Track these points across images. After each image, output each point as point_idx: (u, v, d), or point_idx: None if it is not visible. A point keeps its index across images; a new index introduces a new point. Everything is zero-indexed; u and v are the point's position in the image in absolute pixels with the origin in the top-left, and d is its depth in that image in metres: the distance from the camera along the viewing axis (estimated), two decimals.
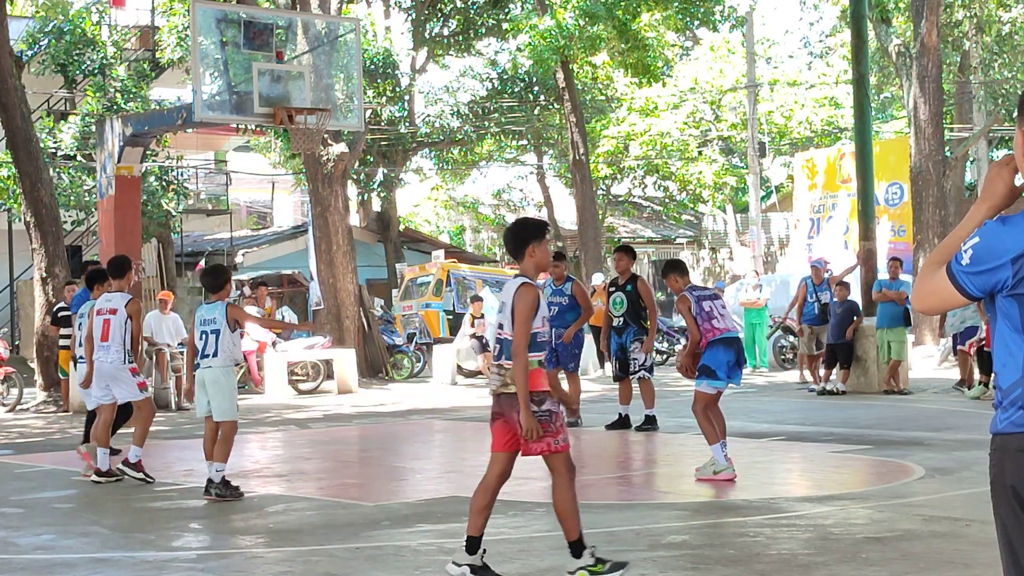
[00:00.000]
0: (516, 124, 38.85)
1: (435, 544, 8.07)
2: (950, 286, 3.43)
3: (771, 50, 49.68)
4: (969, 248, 3.39)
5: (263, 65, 15.48)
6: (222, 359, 9.89)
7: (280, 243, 37.26)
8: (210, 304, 10.05)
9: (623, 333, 14.36)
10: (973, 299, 3.44)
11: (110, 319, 10.93)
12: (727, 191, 43.41)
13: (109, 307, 11.01)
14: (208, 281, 10.24)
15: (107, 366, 11.00)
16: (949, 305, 3.53)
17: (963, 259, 3.40)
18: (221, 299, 10.02)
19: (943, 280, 3.45)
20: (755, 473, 11.38)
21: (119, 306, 10.93)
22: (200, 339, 9.94)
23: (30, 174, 20.74)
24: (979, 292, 3.40)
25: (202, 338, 9.93)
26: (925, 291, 3.54)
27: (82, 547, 8.21)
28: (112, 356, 10.95)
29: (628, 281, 14.44)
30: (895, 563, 7.10)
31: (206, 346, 9.90)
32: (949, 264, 3.44)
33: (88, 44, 29.44)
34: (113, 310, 10.94)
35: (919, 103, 26.89)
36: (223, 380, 9.93)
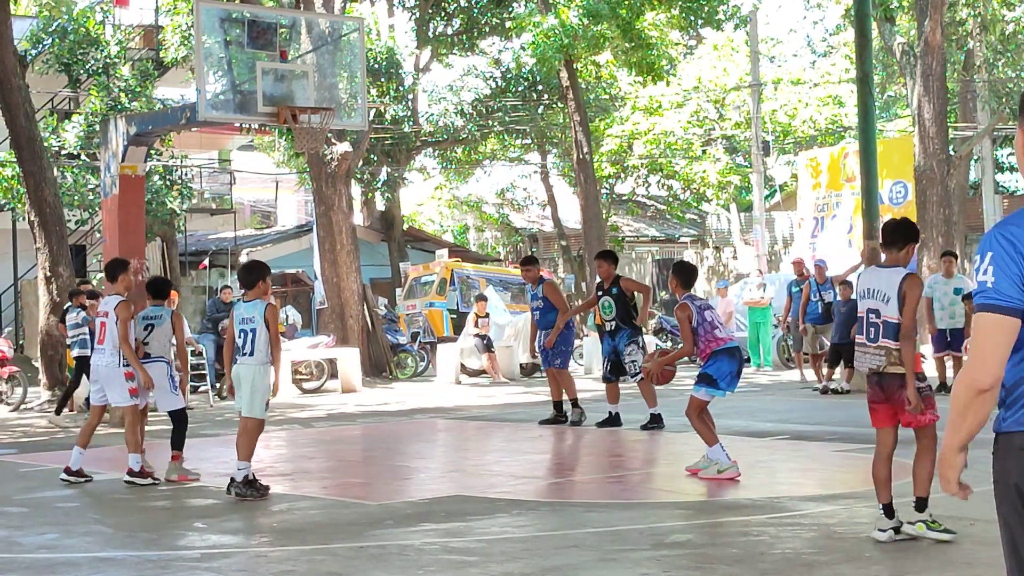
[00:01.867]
0: (520, 123, 38.84)
1: (439, 543, 8.07)
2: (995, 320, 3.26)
3: (775, 49, 49.64)
4: (987, 266, 3.29)
5: (267, 64, 15.48)
6: (257, 357, 10.00)
7: (284, 242, 37.28)
8: (249, 302, 10.16)
9: (616, 336, 14.39)
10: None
11: (105, 322, 11.03)
12: (731, 190, 43.39)
13: (104, 310, 11.14)
14: (242, 275, 10.40)
15: (102, 368, 11.08)
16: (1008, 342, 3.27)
17: (988, 280, 3.28)
18: (258, 297, 10.12)
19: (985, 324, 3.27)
20: (759, 472, 11.38)
21: (111, 309, 11.01)
22: (239, 336, 10.10)
23: (34, 173, 20.76)
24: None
25: (240, 336, 10.09)
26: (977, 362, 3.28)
27: (86, 546, 8.22)
28: (107, 359, 11.01)
29: (612, 284, 14.47)
30: (898, 562, 7.10)
31: (244, 343, 10.06)
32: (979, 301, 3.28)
33: (92, 43, 29.45)
34: (107, 313, 11.04)
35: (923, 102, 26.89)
36: (256, 378, 10.04)
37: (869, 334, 7.67)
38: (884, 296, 7.64)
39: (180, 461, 11.17)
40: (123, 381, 10.99)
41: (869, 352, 7.67)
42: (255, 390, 10.04)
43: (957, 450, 3.44)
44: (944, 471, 3.50)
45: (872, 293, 7.73)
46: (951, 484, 3.52)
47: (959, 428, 3.40)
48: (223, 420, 17.59)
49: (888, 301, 7.59)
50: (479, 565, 7.30)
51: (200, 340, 21.39)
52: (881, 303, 7.63)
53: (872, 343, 7.65)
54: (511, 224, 46.71)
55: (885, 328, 7.58)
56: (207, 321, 23.20)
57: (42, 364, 20.91)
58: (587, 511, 9.17)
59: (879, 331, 7.61)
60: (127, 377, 10.97)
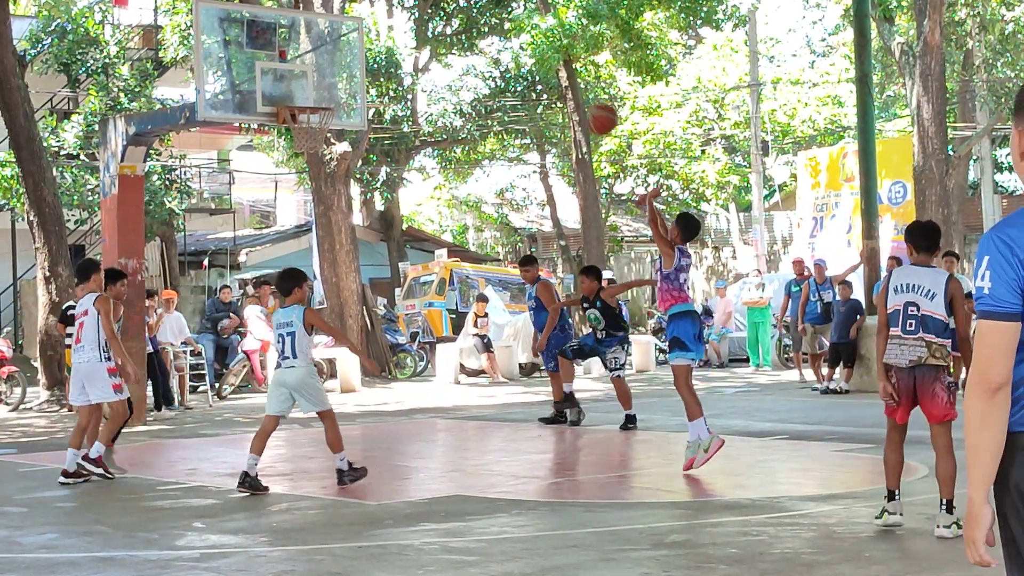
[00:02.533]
0: (519, 123, 38.83)
1: (438, 543, 8.07)
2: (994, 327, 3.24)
3: (774, 49, 49.64)
4: (984, 271, 3.27)
5: (266, 64, 15.47)
6: (302, 359, 10.28)
7: (283, 242, 37.28)
8: (286, 308, 10.42)
9: (603, 343, 14.58)
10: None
11: (84, 320, 11.22)
12: (730, 190, 43.39)
13: (82, 309, 11.34)
14: (279, 282, 10.69)
15: (84, 366, 11.20)
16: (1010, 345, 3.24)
17: (985, 287, 3.26)
18: (295, 302, 10.38)
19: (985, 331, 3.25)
20: (758, 472, 11.39)
21: (89, 306, 11.18)
22: (278, 342, 10.38)
23: (33, 173, 20.75)
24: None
25: (279, 341, 10.36)
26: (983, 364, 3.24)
27: (85, 546, 8.22)
28: (87, 355, 11.13)
29: (596, 298, 14.55)
30: (898, 562, 7.10)
31: (284, 348, 10.31)
32: (978, 307, 3.26)
33: (91, 43, 29.45)
34: (85, 311, 11.24)
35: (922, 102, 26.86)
36: (308, 379, 10.36)
37: (907, 326, 7.81)
38: (929, 292, 7.82)
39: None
40: (106, 377, 11.13)
41: (908, 344, 7.80)
42: (310, 389, 10.35)
43: (984, 499, 3.27)
44: (971, 532, 3.28)
45: (913, 288, 7.87)
46: (977, 547, 3.28)
47: (979, 455, 3.26)
48: (222, 420, 17.61)
49: (934, 298, 7.79)
50: (479, 565, 7.30)
51: (199, 340, 21.39)
52: (924, 298, 7.81)
53: (911, 335, 7.79)
54: (510, 224, 46.71)
55: (926, 322, 7.76)
56: (206, 321, 23.20)
57: (41, 364, 20.90)
58: (586, 511, 9.17)
59: (919, 324, 7.78)
60: (110, 373, 11.13)
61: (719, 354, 26.72)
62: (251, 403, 20.02)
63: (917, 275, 7.97)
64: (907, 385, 7.82)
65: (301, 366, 10.27)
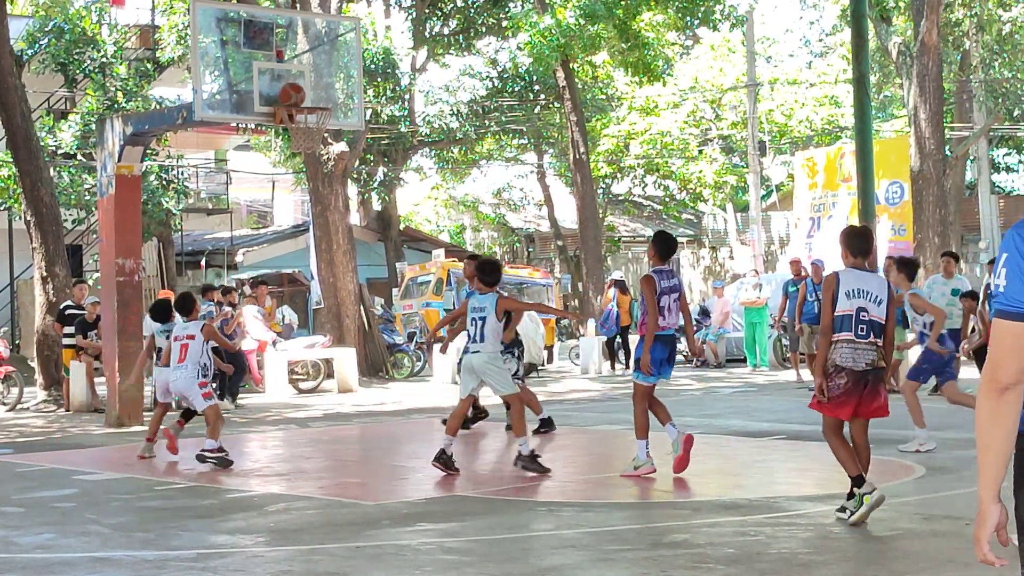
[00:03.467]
0: (516, 123, 38.85)
1: (435, 543, 8.07)
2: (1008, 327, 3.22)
3: (771, 49, 49.67)
4: (1001, 268, 3.26)
5: (263, 64, 15.45)
6: (489, 344, 10.88)
7: (280, 242, 37.27)
8: (483, 295, 11.13)
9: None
10: None
11: (188, 344, 12.34)
12: (727, 190, 43.40)
13: (187, 334, 12.43)
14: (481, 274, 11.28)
15: (179, 382, 12.43)
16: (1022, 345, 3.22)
17: (1001, 284, 3.24)
18: (493, 291, 11.12)
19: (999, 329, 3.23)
20: (756, 472, 11.40)
21: (196, 332, 12.43)
22: (471, 325, 11.01)
23: (30, 173, 20.74)
24: None
25: (472, 324, 11.01)
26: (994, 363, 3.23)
27: (82, 546, 8.21)
28: (189, 374, 12.33)
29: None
30: (895, 562, 7.11)
31: (475, 332, 10.94)
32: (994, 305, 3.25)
33: (88, 43, 29.43)
34: (192, 336, 12.40)
35: (919, 102, 26.91)
36: (494, 363, 10.94)
37: (859, 331, 8.18)
38: (876, 298, 8.26)
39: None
40: (199, 390, 12.40)
41: (861, 348, 8.17)
42: (498, 373, 10.92)
43: (994, 498, 3.27)
44: (978, 530, 3.30)
45: (862, 293, 8.25)
46: (982, 545, 3.31)
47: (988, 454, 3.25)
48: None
49: (880, 303, 8.24)
50: (476, 565, 7.30)
51: None
52: (872, 304, 8.23)
53: (864, 339, 8.17)
54: (507, 224, 46.71)
55: (875, 327, 8.20)
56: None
57: (38, 364, 20.89)
58: (584, 511, 9.16)
59: (870, 329, 8.18)
60: (200, 386, 12.42)
61: (716, 354, 26.72)
62: (248, 403, 20.01)
63: (864, 281, 8.32)
64: (858, 386, 8.16)
65: (488, 350, 10.85)
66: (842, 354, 8.16)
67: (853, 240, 8.55)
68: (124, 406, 16.69)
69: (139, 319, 17.29)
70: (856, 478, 8.15)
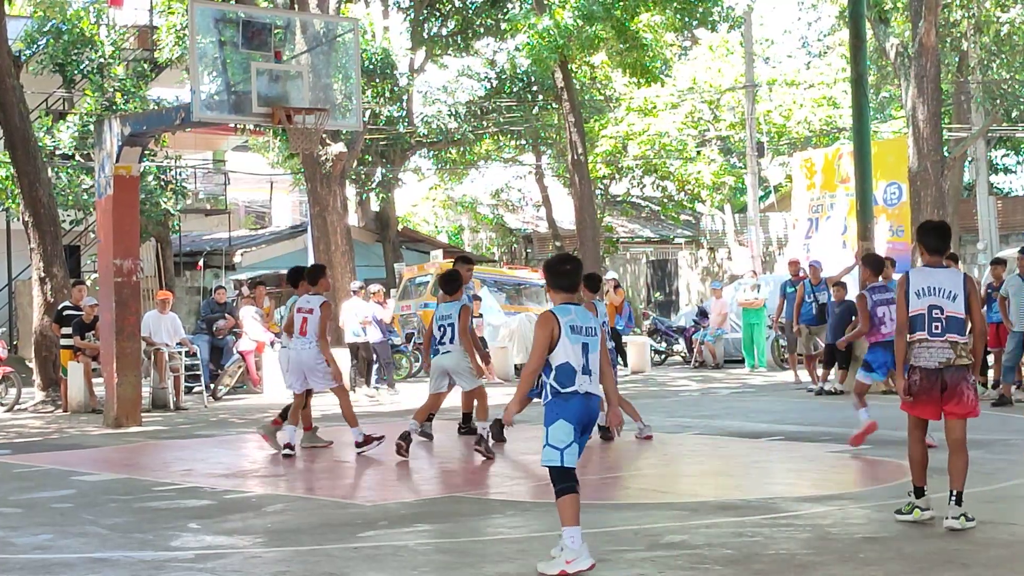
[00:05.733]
0: (514, 124, 38.84)
1: (432, 544, 8.08)
2: None
3: (769, 50, 49.69)
4: None
5: (261, 65, 15.44)
6: (456, 345, 12.41)
7: (278, 243, 37.26)
8: (448, 303, 12.56)
9: None
10: None
11: (308, 317, 12.72)
12: (725, 191, 43.40)
13: (308, 306, 12.80)
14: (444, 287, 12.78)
15: (306, 353, 12.76)
16: None
17: None
18: (457, 299, 12.60)
19: None
20: (753, 473, 11.40)
21: (316, 306, 12.74)
22: (438, 330, 12.44)
23: (28, 174, 20.74)
24: None
25: (440, 330, 12.43)
26: None
27: (80, 547, 8.21)
28: (312, 345, 12.70)
29: None
30: (893, 563, 7.11)
31: (444, 336, 12.41)
32: None
33: (86, 44, 29.43)
34: (311, 310, 12.75)
35: (917, 103, 26.90)
36: (463, 362, 12.53)
37: (933, 329, 8.08)
38: (951, 294, 8.14)
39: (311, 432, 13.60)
40: (325, 368, 12.79)
41: (935, 347, 8.08)
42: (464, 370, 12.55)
43: None
44: None
45: (934, 291, 8.16)
46: None
47: None
48: (217, 421, 17.60)
49: (955, 299, 8.12)
50: (473, 566, 7.30)
51: (194, 341, 21.37)
52: (947, 300, 8.12)
53: (938, 338, 8.08)
54: (506, 225, 46.71)
55: (950, 323, 8.09)
56: (201, 322, 23.18)
57: (36, 365, 20.89)
58: (581, 512, 9.16)
59: (944, 326, 8.08)
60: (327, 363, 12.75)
61: (714, 355, 26.73)
62: (246, 404, 20.01)
63: (936, 277, 8.23)
64: (935, 385, 8.07)
65: (456, 351, 12.39)
66: (916, 353, 8.14)
67: (926, 236, 8.48)
68: (122, 407, 16.69)
69: (137, 319, 17.29)
70: (918, 489, 8.28)
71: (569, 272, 7.27)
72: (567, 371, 7.01)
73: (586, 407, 7.08)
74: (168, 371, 19.56)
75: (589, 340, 7.09)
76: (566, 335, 7.03)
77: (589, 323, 7.13)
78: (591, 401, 7.10)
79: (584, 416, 7.08)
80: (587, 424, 7.14)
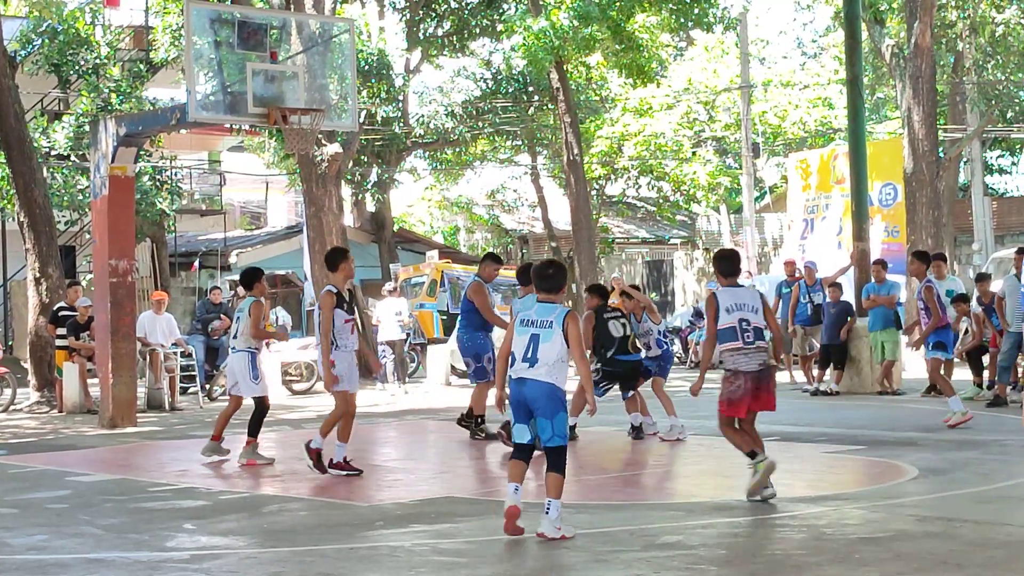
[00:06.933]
0: (510, 124, 38.81)
1: (429, 544, 8.08)
2: None
3: (765, 51, 49.68)
4: None
5: (257, 65, 15.44)
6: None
7: (274, 243, 37.24)
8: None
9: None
10: None
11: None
12: (721, 191, 43.40)
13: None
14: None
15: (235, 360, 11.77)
16: None
17: None
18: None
19: None
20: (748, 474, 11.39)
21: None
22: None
23: (24, 174, 20.73)
24: None
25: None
26: None
27: (75, 547, 8.21)
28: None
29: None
30: (888, 563, 7.11)
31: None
32: None
33: (82, 44, 29.40)
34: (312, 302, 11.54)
35: (913, 104, 26.93)
36: None
37: (746, 339, 9.31)
38: (753, 308, 9.42)
39: (253, 446, 12.27)
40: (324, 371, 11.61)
41: (751, 353, 9.29)
42: None
43: None
44: None
45: (741, 307, 9.42)
46: None
47: None
48: (212, 422, 17.55)
49: (757, 312, 9.41)
50: (469, 566, 7.31)
51: (190, 342, 21.37)
52: (751, 313, 9.39)
53: (751, 345, 9.30)
54: (501, 225, 46.70)
55: (756, 333, 9.35)
56: (196, 323, 23.18)
57: (31, 365, 20.88)
58: (577, 512, 9.16)
59: (754, 335, 9.33)
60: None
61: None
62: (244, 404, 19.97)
63: (739, 295, 9.49)
64: (750, 386, 9.27)
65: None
66: (735, 361, 9.28)
67: (722, 263, 9.70)
68: (117, 407, 16.68)
69: (132, 320, 17.28)
70: (750, 452, 9.35)
71: (550, 276, 8.34)
72: (512, 359, 8.11)
73: (516, 391, 8.05)
74: (164, 372, 19.56)
75: (540, 332, 8.01)
76: (516, 327, 8.21)
77: (546, 317, 8.04)
78: (523, 386, 7.99)
79: (514, 399, 8.10)
80: (517, 407, 8.08)
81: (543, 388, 7.94)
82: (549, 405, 7.95)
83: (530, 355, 7.98)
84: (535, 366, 7.96)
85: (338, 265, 11.78)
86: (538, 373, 7.96)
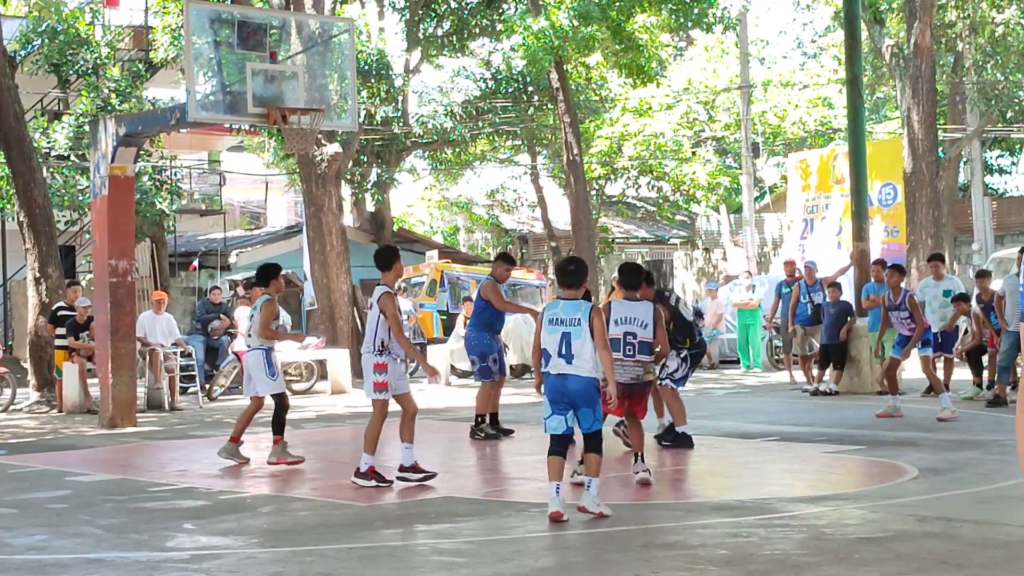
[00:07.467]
0: (510, 124, 38.82)
1: (428, 544, 8.08)
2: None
3: (765, 51, 49.71)
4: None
5: (257, 65, 15.44)
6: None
7: (273, 243, 37.20)
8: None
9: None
10: None
11: (366, 312, 11.04)
12: (721, 191, 43.42)
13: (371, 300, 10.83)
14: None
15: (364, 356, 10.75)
16: None
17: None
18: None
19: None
20: (748, 473, 11.41)
21: (375, 299, 10.65)
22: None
23: (23, 174, 20.72)
24: None
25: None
26: None
27: (75, 547, 8.21)
28: (366, 348, 10.70)
29: None
30: (888, 563, 7.11)
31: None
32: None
33: (82, 44, 29.39)
34: (370, 305, 10.79)
35: (912, 104, 26.95)
36: None
37: (627, 351, 9.84)
38: (643, 323, 9.92)
39: (282, 445, 12.07)
40: (371, 374, 10.60)
41: (628, 366, 9.82)
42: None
43: None
44: None
45: (630, 320, 9.91)
46: None
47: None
48: (212, 422, 17.59)
49: (646, 327, 9.91)
50: (469, 566, 7.31)
51: (189, 341, 21.37)
52: (640, 328, 9.91)
53: (630, 359, 9.86)
54: (501, 225, 46.70)
55: (641, 347, 9.91)
56: (196, 322, 23.18)
57: (31, 365, 20.88)
58: (576, 512, 9.17)
59: (636, 349, 9.89)
60: (376, 369, 10.55)
61: (710, 356, 26.73)
62: (242, 404, 19.96)
63: (633, 309, 9.97)
64: (626, 395, 9.76)
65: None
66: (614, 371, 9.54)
67: (623, 276, 10.27)
68: (117, 407, 16.68)
69: (132, 320, 17.28)
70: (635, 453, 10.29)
71: (572, 272, 8.74)
72: (546, 355, 8.59)
73: (559, 384, 8.54)
74: (163, 372, 19.57)
75: (571, 330, 8.48)
76: (545, 326, 8.62)
77: (573, 315, 8.50)
78: (565, 381, 8.50)
79: (554, 392, 8.55)
80: (559, 398, 8.54)
81: (583, 382, 8.48)
82: (590, 396, 8.53)
83: (564, 352, 8.48)
84: (572, 362, 8.48)
85: (392, 264, 11.00)
86: (578, 368, 8.48)
